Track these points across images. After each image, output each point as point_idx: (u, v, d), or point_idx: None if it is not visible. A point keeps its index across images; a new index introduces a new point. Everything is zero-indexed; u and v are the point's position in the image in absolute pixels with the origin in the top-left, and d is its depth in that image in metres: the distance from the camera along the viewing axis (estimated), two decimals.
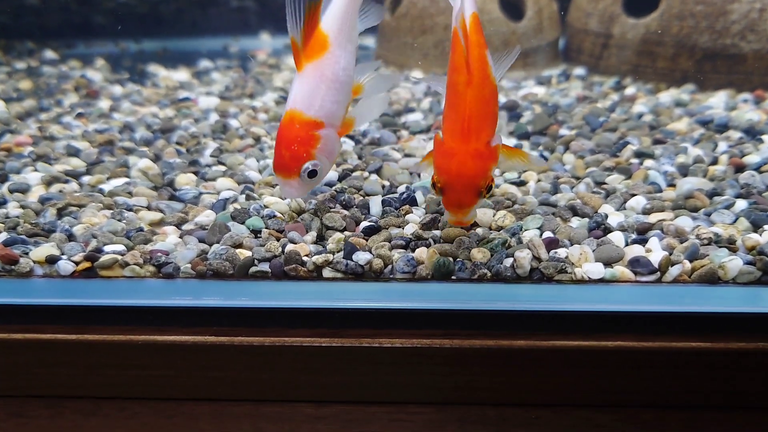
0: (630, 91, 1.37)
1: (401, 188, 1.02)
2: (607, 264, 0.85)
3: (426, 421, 0.87)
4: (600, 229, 0.91)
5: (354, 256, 0.86)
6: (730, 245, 0.87)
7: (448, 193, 0.80)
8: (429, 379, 0.87)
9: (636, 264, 0.85)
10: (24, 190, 1.03)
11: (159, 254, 0.87)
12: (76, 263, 0.87)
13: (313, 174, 0.87)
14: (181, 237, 0.92)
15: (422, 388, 0.87)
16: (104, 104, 1.38)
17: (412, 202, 0.98)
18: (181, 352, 0.86)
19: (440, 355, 0.85)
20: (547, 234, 0.90)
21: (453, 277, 0.86)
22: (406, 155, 1.13)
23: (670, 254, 0.85)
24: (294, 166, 0.86)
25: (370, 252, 0.87)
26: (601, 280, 0.85)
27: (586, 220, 0.93)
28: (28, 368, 0.88)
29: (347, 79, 0.91)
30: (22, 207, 0.98)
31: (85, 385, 0.88)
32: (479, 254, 0.86)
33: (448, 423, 0.86)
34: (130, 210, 0.98)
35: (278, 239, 0.90)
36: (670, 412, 0.85)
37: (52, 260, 0.87)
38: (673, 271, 0.84)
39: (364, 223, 0.92)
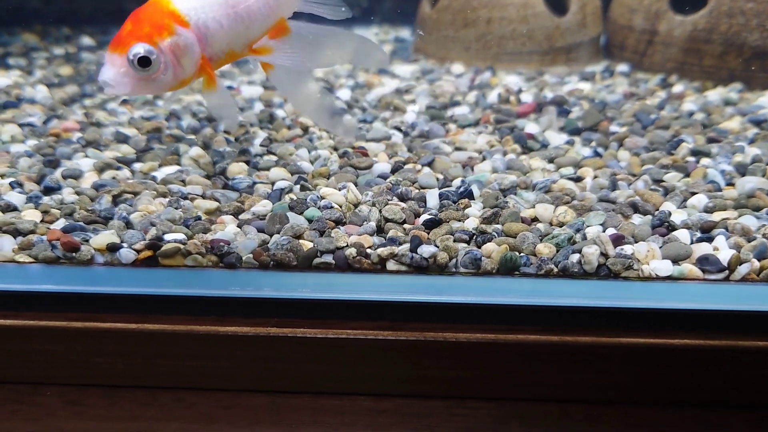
0: (677, 88, 1.36)
1: (456, 182, 1.01)
2: (675, 261, 0.84)
3: (486, 416, 0.86)
4: (664, 226, 0.90)
5: (419, 249, 0.85)
6: None
7: None
8: (491, 374, 0.86)
9: (704, 262, 0.84)
10: (77, 176, 1.02)
11: (221, 244, 0.86)
12: (138, 251, 0.86)
13: (144, 62, 0.77)
14: (239, 226, 0.91)
15: (484, 383, 0.87)
16: None
17: (470, 195, 0.97)
18: (242, 343, 0.86)
19: (504, 350, 0.84)
20: (611, 230, 0.89)
21: (517, 272, 0.85)
22: (457, 149, 1.12)
23: (739, 252, 0.84)
24: (128, 42, 0.76)
25: (435, 245, 0.86)
26: (669, 278, 0.84)
27: (649, 217, 0.92)
28: (86, 357, 0.87)
29: (259, 12, 0.83)
30: (77, 193, 0.97)
31: (142, 374, 0.88)
32: (545, 249, 0.85)
33: (510, 419, 0.86)
34: (186, 198, 0.97)
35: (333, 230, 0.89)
36: (737, 411, 0.84)
37: (113, 248, 0.86)
38: (742, 270, 0.83)
39: (425, 216, 0.91)
